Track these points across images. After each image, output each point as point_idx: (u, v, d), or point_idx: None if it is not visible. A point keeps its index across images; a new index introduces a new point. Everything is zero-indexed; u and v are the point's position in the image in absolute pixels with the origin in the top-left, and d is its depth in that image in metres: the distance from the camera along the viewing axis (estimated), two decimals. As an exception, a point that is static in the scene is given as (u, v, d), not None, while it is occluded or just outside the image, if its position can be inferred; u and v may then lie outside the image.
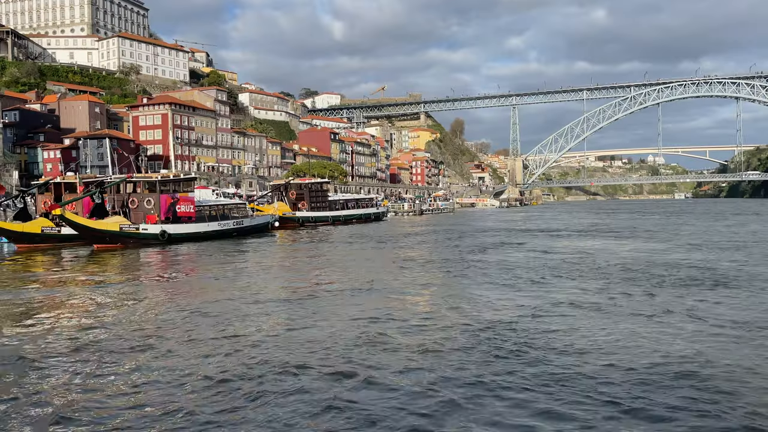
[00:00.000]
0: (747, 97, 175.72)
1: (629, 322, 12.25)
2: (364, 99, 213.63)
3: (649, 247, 30.04)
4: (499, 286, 17.48)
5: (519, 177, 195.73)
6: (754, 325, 11.80)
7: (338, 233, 44.14)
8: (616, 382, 8.43)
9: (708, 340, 10.65)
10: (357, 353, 9.74)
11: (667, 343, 10.55)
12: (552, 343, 10.59)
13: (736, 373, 8.79)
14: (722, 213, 79.23)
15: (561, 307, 13.97)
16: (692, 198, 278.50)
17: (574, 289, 16.62)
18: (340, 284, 18.15)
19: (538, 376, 8.65)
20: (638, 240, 35.10)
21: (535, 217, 77.45)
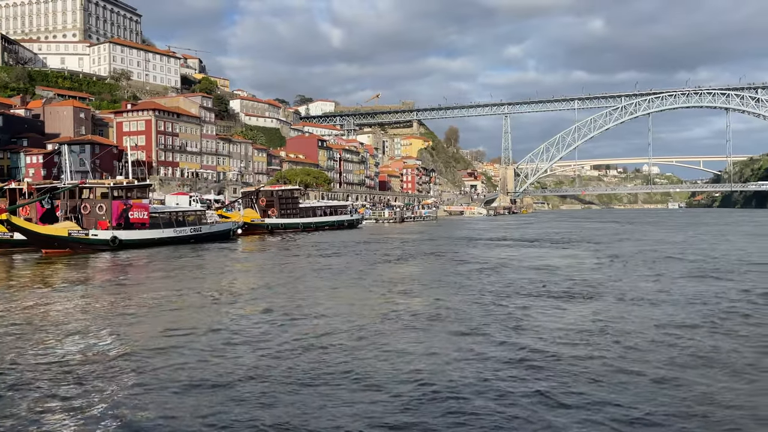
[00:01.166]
0: (737, 108, 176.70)
1: (448, 334, 12.76)
2: (357, 106, 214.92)
3: (563, 256, 30.77)
4: (367, 292, 18.09)
5: (510, 185, 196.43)
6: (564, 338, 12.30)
7: (304, 241, 44.72)
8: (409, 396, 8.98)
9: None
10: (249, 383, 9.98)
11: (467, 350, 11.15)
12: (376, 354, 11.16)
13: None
14: (694, 224, 79.78)
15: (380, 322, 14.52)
16: (685, 208, 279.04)
17: (423, 299, 17.14)
18: (241, 293, 18.73)
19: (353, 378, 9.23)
20: (570, 249, 35.83)
21: (513, 226, 78.01)
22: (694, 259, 27.76)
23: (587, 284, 19.95)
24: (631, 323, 13.65)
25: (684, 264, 25.93)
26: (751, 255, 30.19)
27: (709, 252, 31.88)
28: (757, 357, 10.67)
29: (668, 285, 19.76)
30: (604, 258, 29.47)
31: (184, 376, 9.61)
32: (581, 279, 21.27)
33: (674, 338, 12.11)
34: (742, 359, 10.50)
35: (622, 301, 16.61)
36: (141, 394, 8.73)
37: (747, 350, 11.14)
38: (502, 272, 23.79)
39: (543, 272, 23.59)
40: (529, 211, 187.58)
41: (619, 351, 11.12)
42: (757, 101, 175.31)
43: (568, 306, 15.96)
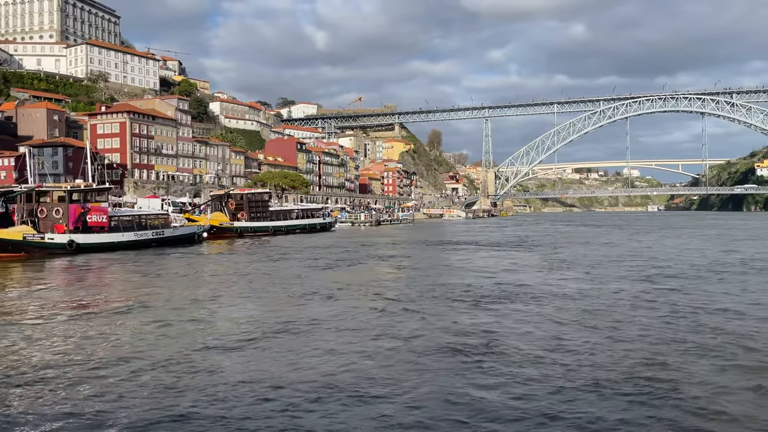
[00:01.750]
0: (712, 112, 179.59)
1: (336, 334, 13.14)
2: (339, 109, 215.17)
3: (511, 259, 31.38)
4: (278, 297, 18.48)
5: (491, 188, 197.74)
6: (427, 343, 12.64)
7: (270, 245, 44.89)
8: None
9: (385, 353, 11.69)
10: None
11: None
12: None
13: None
14: (663, 227, 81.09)
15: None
16: (664, 210, 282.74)
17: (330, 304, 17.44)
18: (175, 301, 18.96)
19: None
20: (523, 252, 36.49)
21: (486, 229, 78.74)
22: (632, 264, 28.38)
23: (509, 287, 20.33)
24: (522, 323, 14.23)
25: (615, 268, 26.48)
26: (684, 260, 30.83)
27: (650, 256, 32.54)
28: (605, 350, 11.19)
29: (583, 286, 20.34)
30: (546, 262, 30.00)
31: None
32: (510, 282, 21.70)
33: (542, 335, 12.64)
34: (592, 351, 11.03)
35: (528, 303, 17.11)
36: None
37: (599, 343, 11.68)
38: (437, 276, 24.11)
39: (479, 275, 24.04)
40: (509, 214, 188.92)
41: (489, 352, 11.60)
42: (732, 106, 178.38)
43: (470, 309, 16.19)
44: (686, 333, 13.09)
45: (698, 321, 14.36)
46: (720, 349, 11.59)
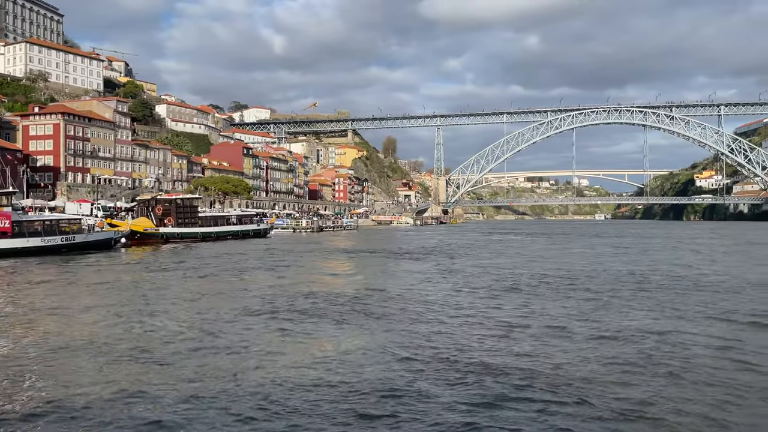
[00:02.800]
0: (653, 125, 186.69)
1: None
2: (292, 114, 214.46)
3: (414, 270, 32.17)
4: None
5: (442, 196, 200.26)
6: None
7: (193, 252, 44.58)
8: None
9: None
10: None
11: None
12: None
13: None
14: (598, 235, 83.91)
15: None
16: (610, 219, 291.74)
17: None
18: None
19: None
20: (434, 261, 37.35)
21: (425, 236, 79.94)
22: (532, 273, 29.48)
23: (387, 299, 20.78)
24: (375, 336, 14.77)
25: (512, 278, 27.41)
26: (549, 272, 31.75)
27: (556, 267, 33.81)
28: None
29: (456, 299, 21.05)
30: (442, 272, 30.60)
31: None
32: (395, 293, 22.22)
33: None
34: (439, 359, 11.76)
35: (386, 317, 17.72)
36: None
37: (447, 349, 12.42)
38: (304, 285, 23.98)
39: (366, 289, 24.27)
40: (460, 221, 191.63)
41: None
42: (672, 119, 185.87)
43: (328, 326, 15.66)
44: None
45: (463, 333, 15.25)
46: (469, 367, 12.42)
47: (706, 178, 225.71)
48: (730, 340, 13.86)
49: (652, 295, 21.29)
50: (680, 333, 14.60)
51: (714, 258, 40.01)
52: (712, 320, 16.37)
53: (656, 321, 16.22)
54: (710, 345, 13.35)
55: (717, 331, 14.82)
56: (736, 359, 12.09)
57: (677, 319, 16.47)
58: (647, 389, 10.11)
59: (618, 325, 15.48)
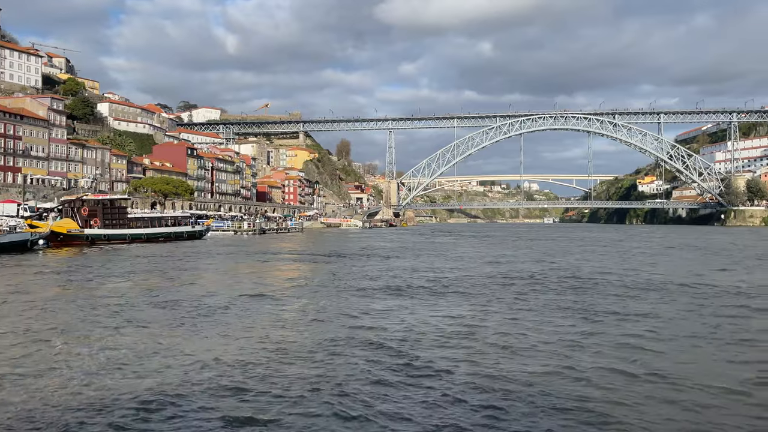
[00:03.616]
0: (597, 131, 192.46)
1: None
2: (243, 115, 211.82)
3: (290, 270, 32.42)
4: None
5: (394, 199, 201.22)
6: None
7: (118, 254, 43.53)
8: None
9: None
10: None
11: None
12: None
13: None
14: (536, 239, 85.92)
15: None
16: (558, 222, 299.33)
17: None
18: None
19: None
20: (338, 264, 37.73)
21: (363, 239, 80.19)
22: (417, 276, 29.97)
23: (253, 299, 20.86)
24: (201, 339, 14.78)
25: (390, 281, 27.73)
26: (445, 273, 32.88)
27: (453, 270, 34.46)
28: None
29: (315, 302, 21.32)
30: (323, 273, 30.82)
31: None
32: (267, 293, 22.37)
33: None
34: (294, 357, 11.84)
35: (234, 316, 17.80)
36: None
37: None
38: (176, 288, 23.84)
39: (239, 294, 24.55)
40: (410, 224, 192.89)
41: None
42: (615, 126, 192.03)
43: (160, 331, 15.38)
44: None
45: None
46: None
47: (647, 184, 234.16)
48: (565, 329, 14.48)
49: (500, 289, 22.02)
50: (512, 322, 15.17)
51: (603, 259, 41.57)
52: (536, 312, 17.05)
53: (489, 315, 16.82)
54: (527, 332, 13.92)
55: (550, 320, 15.46)
56: (564, 350, 12.64)
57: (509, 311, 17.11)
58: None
59: (456, 318, 16.00)
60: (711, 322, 16.33)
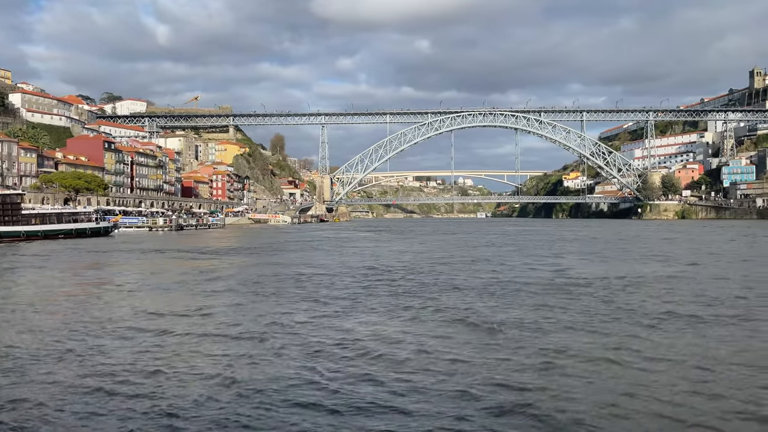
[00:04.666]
0: (523, 128, 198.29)
1: None
2: (170, 108, 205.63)
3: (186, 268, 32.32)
4: None
5: (327, 194, 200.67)
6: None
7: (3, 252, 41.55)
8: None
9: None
10: None
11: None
12: None
13: None
14: (458, 232, 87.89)
15: None
16: (490, 217, 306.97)
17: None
18: None
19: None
20: (233, 258, 37.67)
21: (289, 235, 79.76)
22: (299, 272, 30.27)
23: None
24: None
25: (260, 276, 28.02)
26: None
27: (334, 265, 34.95)
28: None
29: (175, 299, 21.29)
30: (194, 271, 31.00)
31: None
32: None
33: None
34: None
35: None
36: None
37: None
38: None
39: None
40: (343, 220, 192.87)
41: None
42: (541, 123, 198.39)
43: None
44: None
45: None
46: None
47: (572, 179, 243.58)
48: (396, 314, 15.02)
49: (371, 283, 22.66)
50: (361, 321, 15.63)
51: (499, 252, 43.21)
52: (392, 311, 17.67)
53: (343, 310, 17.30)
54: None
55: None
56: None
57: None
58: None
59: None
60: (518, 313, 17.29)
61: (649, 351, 12.13)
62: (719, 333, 13.95)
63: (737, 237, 63.07)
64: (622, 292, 20.64)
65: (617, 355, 11.80)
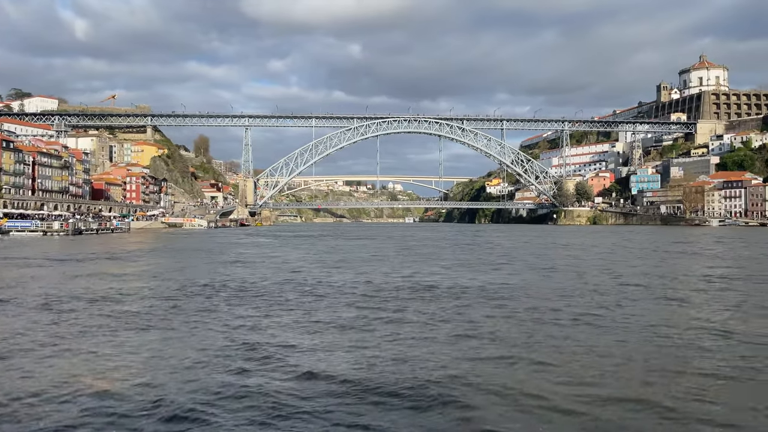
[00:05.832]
0: (446, 135, 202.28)
1: None
2: (83, 107, 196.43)
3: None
4: None
5: (250, 198, 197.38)
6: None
7: None
8: None
9: None
10: None
11: None
12: None
13: None
14: (365, 236, 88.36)
15: None
16: (418, 222, 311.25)
17: None
18: None
19: None
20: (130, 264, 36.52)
21: (193, 240, 77.64)
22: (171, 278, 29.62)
23: None
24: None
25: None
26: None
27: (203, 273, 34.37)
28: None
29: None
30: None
31: None
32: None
33: None
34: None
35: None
36: None
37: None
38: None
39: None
40: (267, 224, 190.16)
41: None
42: (463, 131, 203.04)
43: None
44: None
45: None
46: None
47: (495, 186, 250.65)
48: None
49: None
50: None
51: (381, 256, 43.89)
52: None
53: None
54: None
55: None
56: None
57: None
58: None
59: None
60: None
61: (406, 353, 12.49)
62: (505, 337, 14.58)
63: (620, 241, 66.65)
64: (419, 300, 21.26)
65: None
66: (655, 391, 10.12)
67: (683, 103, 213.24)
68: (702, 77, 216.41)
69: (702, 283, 25.89)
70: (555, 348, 13.31)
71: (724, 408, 9.37)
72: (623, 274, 29.93)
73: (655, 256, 44.76)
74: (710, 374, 11.19)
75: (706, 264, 36.97)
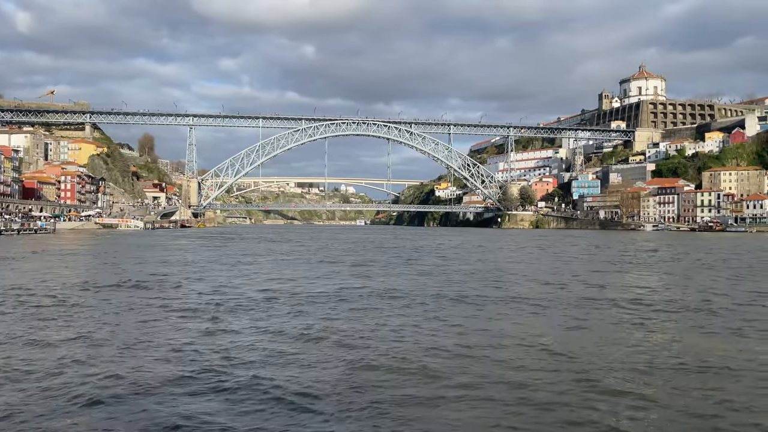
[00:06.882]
0: (395, 139, 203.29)
1: None
2: (18, 102, 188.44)
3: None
4: None
5: (194, 198, 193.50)
6: None
7: None
8: None
9: None
10: None
11: None
12: None
13: None
14: (311, 238, 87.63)
15: None
16: (369, 224, 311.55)
17: None
18: None
19: None
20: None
21: (104, 243, 75.25)
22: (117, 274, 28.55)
23: None
24: None
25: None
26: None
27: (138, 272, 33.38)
28: None
29: None
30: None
31: None
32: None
33: None
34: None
35: None
36: None
37: None
38: None
39: None
40: (210, 225, 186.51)
41: None
42: (412, 135, 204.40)
43: None
44: None
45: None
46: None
47: (443, 189, 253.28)
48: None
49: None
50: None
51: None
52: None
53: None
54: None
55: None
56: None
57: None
58: None
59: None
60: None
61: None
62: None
63: (544, 246, 68.14)
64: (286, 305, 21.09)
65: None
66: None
67: (623, 111, 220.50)
68: (641, 87, 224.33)
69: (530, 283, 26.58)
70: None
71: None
72: (502, 276, 30.45)
73: (552, 257, 45.88)
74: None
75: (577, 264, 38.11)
